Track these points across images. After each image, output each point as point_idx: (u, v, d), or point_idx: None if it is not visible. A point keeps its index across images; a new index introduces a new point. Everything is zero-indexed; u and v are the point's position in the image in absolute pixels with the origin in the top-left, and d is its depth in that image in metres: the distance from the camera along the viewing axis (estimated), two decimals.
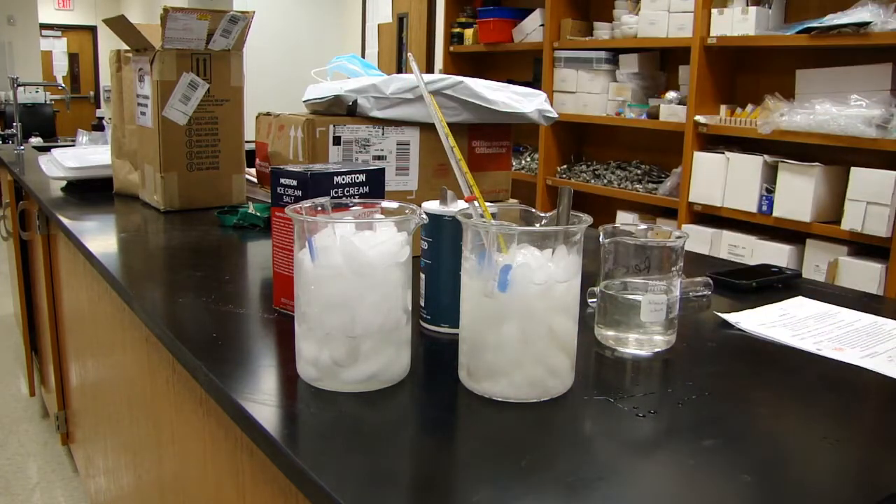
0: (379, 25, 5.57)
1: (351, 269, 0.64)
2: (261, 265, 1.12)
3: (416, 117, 1.09)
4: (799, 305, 0.95)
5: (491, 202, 0.72)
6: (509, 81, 1.20)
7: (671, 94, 2.98)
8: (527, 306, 0.63)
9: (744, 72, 2.85)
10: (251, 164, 1.39)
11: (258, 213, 1.37)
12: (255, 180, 1.43)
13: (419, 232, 0.76)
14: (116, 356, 1.35)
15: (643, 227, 0.80)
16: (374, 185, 0.85)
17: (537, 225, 0.69)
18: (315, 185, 0.79)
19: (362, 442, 0.57)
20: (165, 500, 1.14)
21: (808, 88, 2.53)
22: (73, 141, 2.64)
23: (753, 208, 2.60)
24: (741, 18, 2.62)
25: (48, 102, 7.34)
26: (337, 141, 1.06)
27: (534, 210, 0.69)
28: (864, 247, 2.38)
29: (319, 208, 0.69)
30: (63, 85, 4.74)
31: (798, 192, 2.46)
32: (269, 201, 0.85)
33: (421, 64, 4.97)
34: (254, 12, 1.52)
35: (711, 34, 2.71)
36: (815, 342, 0.82)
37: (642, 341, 0.77)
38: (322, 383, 0.66)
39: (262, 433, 0.59)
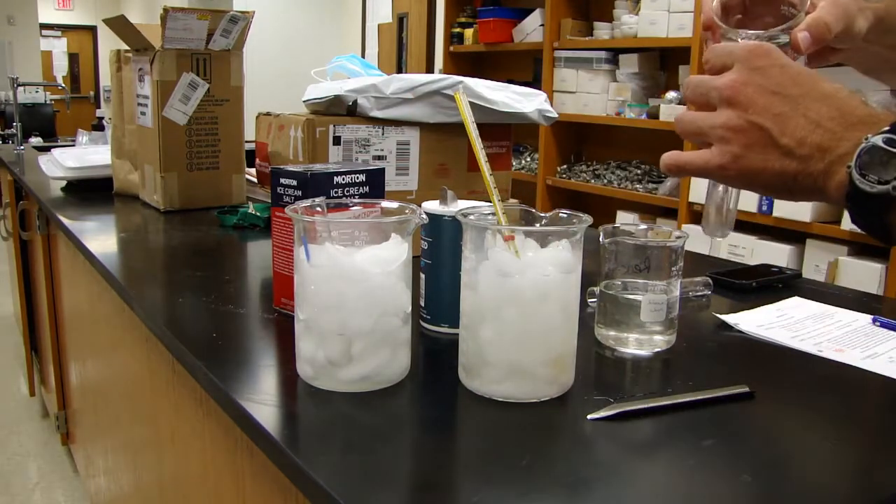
0: (379, 25, 5.57)
1: (340, 272, 0.64)
2: (261, 265, 1.12)
3: (416, 117, 1.09)
4: (795, 306, 0.95)
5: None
6: (509, 81, 1.20)
7: (671, 94, 2.98)
8: (526, 306, 0.63)
9: None
10: (251, 164, 1.39)
11: (258, 213, 1.37)
12: (255, 180, 1.43)
13: (419, 232, 0.76)
14: (116, 356, 1.35)
15: (643, 227, 0.80)
16: (374, 185, 0.85)
17: (537, 225, 0.69)
18: (315, 185, 0.79)
19: (362, 442, 0.57)
20: (165, 499, 1.14)
21: None
22: (73, 141, 2.64)
23: (753, 208, 2.60)
24: None
25: (48, 102, 7.33)
26: (337, 141, 1.06)
27: (534, 210, 0.69)
28: (864, 247, 2.38)
29: (317, 209, 0.69)
30: (63, 85, 4.74)
31: None
32: (269, 201, 0.85)
33: (421, 64, 4.98)
34: (254, 12, 1.52)
35: None
36: (815, 343, 0.82)
37: (642, 341, 0.77)
38: (318, 382, 0.66)
39: (262, 433, 0.59)
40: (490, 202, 0.67)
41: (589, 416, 0.61)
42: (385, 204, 0.73)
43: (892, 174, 0.43)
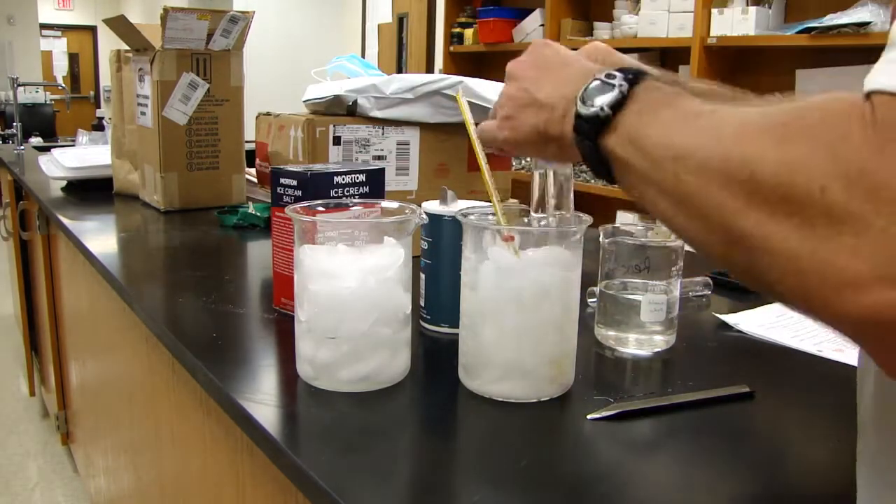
0: (379, 25, 5.57)
1: (340, 273, 0.64)
2: (261, 265, 1.12)
3: (416, 117, 1.09)
4: None
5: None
6: None
7: None
8: (527, 306, 0.63)
9: (744, 72, 2.85)
10: (251, 164, 1.39)
11: (258, 213, 1.37)
12: (255, 180, 1.43)
13: (419, 232, 0.76)
14: (116, 356, 1.35)
15: (643, 227, 0.80)
16: (374, 185, 0.85)
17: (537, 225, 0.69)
18: (315, 185, 0.79)
19: (362, 442, 0.57)
20: (165, 499, 1.14)
21: (808, 88, 2.53)
22: (73, 141, 2.65)
23: None
24: (741, 18, 2.62)
25: (48, 102, 7.34)
26: (337, 141, 1.06)
27: None
28: None
29: (319, 208, 0.69)
30: (63, 85, 4.74)
31: None
32: (269, 201, 0.85)
33: (421, 64, 4.98)
34: (254, 12, 1.52)
35: (711, 34, 2.71)
36: (815, 343, 0.82)
37: (642, 341, 0.77)
38: (318, 382, 0.66)
39: (262, 433, 0.59)
40: (490, 202, 0.67)
41: (589, 416, 0.61)
42: (385, 204, 0.73)
43: (606, 100, 0.46)
